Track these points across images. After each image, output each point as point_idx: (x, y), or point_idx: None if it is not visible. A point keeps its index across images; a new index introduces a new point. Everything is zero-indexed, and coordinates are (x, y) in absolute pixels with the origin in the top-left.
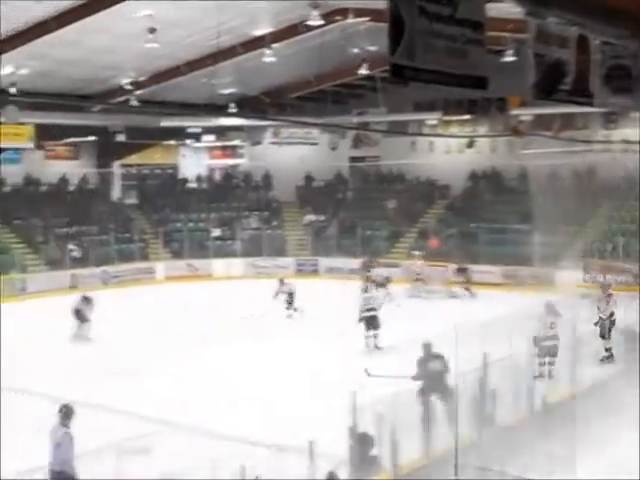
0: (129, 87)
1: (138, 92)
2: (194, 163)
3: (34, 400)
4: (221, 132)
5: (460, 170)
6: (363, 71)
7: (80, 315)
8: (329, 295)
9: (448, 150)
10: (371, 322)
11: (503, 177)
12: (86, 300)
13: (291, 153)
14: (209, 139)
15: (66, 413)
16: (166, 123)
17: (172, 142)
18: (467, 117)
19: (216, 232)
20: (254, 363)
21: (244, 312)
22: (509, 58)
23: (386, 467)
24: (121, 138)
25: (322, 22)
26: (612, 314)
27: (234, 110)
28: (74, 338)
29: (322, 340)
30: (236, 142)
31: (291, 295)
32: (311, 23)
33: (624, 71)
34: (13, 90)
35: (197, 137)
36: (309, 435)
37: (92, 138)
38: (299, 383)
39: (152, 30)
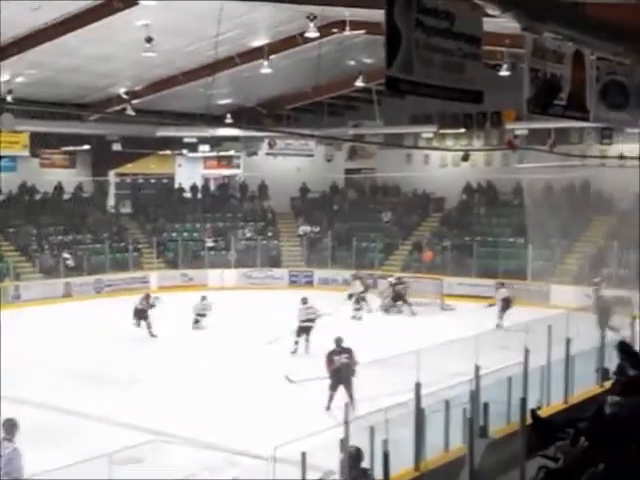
0: (125, 96)
1: (135, 101)
2: (190, 173)
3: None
4: (217, 142)
5: (455, 183)
6: (359, 83)
7: (141, 314)
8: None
9: (443, 163)
10: (307, 331)
11: (498, 191)
12: (148, 299)
13: (287, 164)
14: (205, 149)
15: (10, 427)
16: (162, 133)
17: (168, 152)
18: (462, 130)
19: (211, 242)
20: (239, 373)
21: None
22: (505, 72)
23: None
24: (117, 147)
25: (319, 34)
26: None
27: (230, 121)
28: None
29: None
30: (232, 152)
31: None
32: (308, 35)
33: (619, 87)
34: (9, 98)
35: (193, 147)
36: (299, 447)
37: (88, 147)
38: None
39: (149, 39)
